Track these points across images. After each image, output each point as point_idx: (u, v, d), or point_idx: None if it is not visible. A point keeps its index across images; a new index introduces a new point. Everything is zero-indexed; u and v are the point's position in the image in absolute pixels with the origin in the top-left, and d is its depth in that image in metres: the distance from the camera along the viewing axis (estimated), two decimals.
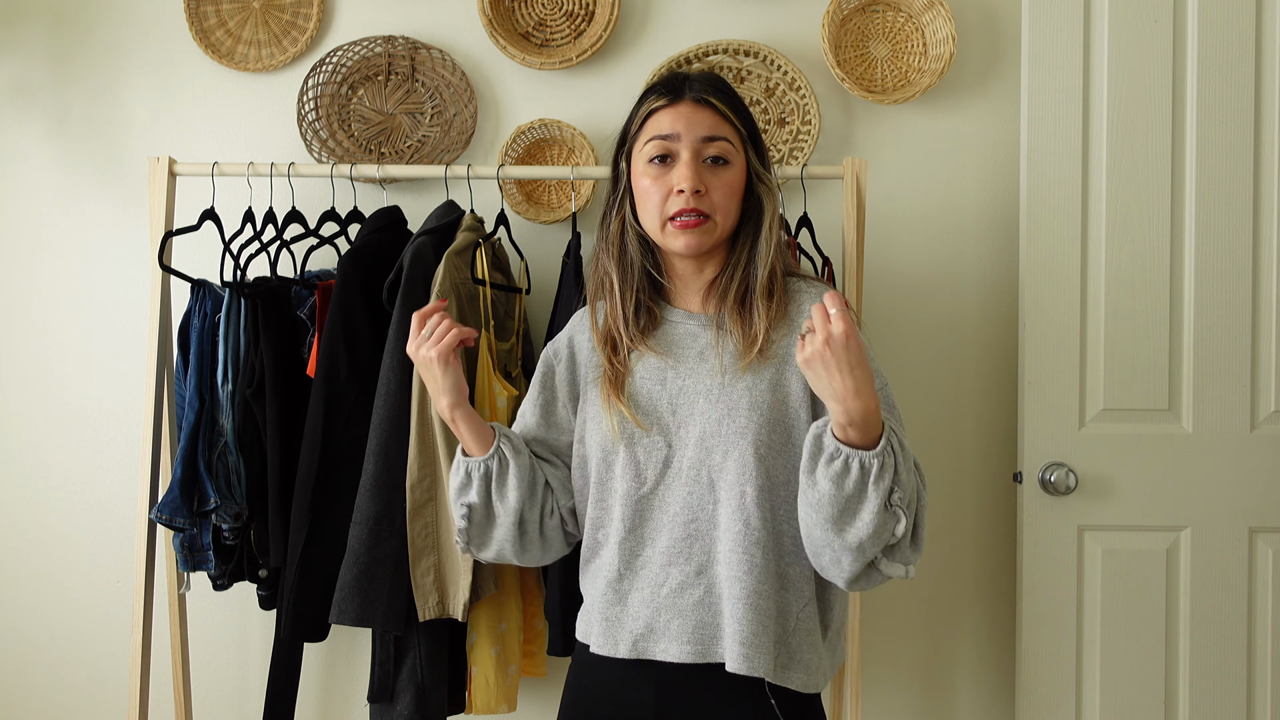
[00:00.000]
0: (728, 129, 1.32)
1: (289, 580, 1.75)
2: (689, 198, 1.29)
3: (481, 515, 1.37)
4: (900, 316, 2.11)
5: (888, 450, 1.14)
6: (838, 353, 1.12)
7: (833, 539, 1.18)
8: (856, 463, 1.14)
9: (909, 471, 1.18)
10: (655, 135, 1.32)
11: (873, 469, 1.14)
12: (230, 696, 2.14)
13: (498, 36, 2.05)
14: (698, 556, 1.28)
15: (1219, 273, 1.94)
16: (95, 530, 2.14)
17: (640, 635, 1.29)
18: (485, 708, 1.77)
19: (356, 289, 1.77)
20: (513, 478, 1.34)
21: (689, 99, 1.33)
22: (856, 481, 1.14)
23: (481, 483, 1.35)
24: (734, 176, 1.32)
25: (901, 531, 1.16)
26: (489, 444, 1.35)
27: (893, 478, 1.15)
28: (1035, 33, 1.95)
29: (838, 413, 1.14)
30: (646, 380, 1.34)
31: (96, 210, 2.15)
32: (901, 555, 1.20)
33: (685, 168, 1.30)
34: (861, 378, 1.13)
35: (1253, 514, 1.94)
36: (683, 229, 1.30)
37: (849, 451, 1.14)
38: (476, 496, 1.35)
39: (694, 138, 1.31)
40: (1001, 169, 2.11)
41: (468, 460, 1.36)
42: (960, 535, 2.12)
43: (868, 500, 1.15)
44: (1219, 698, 1.94)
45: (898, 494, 1.15)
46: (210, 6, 2.12)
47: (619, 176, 1.39)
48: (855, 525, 1.16)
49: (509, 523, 1.36)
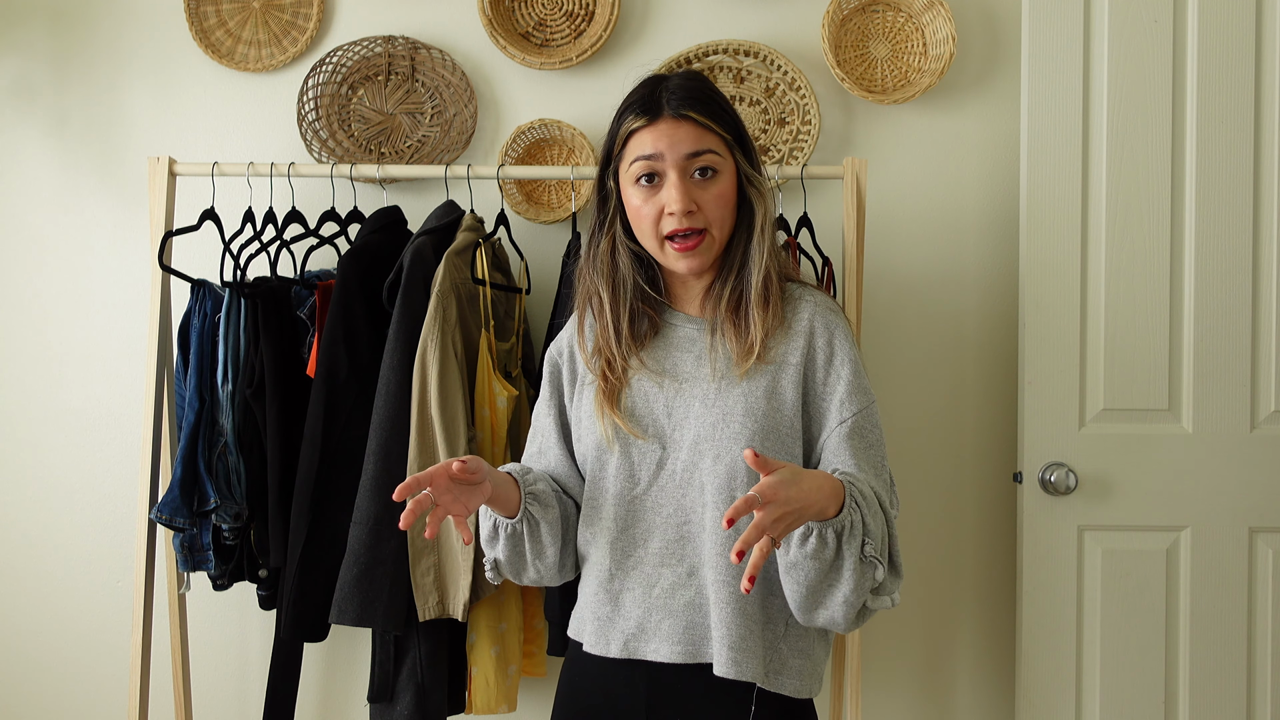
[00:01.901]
0: (711, 139, 1.29)
1: (289, 580, 1.75)
2: (681, 218, 1.28)
3: (511, 569, 1.36)
4: (900, 316, 2.11)
5: (852, 506, 1.15)
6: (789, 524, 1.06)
7: (820, 606, 1.19)
8: (830, 532, 1.13)
9: (874, 516, 1.18)
10: (639, 156, 1.29)
11: (845, 531, 1.14)
12: (230, 696, 2.14)
13: (498, 36, 2.05)
14: (689, 558, 1.28)
15: (1219, 273, 1.94)
16: (95, 530, 2.14)
17: (632, 635, 1.29)
18: (485, 708, 1.77)
19: (356, 289, 1.77)
20: (546, 535, 1.32)
21: (668, 115, 1.28)
22: (834, 549, 1.14)
23: (509, 542, 1.32)
24: (723, 186, 1.30)
25: (881, 575, 1.17)
26: (516, 505, 1.30)
27: (863, 531, 1.16)
28: (1035, 33, 1.95)
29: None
30: (643, 387, 1.33)
31: (96, 210, 2.15)
32: (885, 589, 1.21)
33: (674, 189, 1.27)
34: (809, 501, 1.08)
35: (1253, 514, 1.94)
36: (683, 252, 1.29)
37: (818, 526, 1.13)
38: (503, 554, 1.33)
39: (678, 155, 1.28)
40: (1001, 169, 2.11)
41: (496, 516, 1.31)
42: (960, 535, 2.12)
43: (845, 559, 1.15)
44: (1219, 698, 1.94)
45: (869, 546, 1.16)
46: (210, 6, 2.12)
47: (606, 195, 1.36)
48: (840, 586, 1.17)
49: (551, 565, 1.35)
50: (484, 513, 1.34)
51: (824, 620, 1.21)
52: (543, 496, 1.32)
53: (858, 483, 1.19)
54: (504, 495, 1.27)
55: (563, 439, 1.41)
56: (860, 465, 1.25)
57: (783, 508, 1.04)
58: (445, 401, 1.68)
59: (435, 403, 1.68)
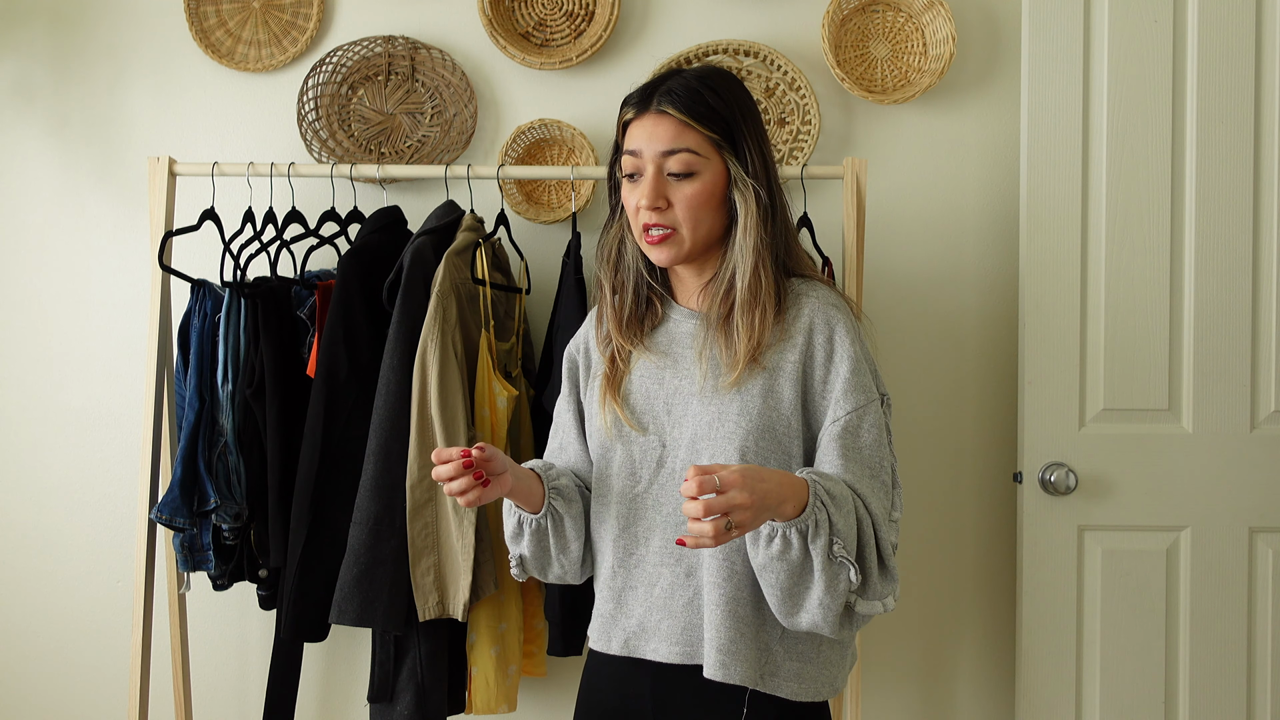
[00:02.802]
0: (692, 138, 1.28)
1: (289, 580, 1.75)
2: (648, 212, 1.28)
3: (536, 565, 1.37)
4: (900, 316, 2.11)
5: (817, 505, 1.14)
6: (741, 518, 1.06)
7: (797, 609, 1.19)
8: (793, 532, 1.14)
9: (844, 517, 1.17)
10: (626, 150, 1.31)
11: (809, 531, 1.14)
12: (230, 696, 2.14)
13: (498, 36, 2.05)
14: (688, 558, 1.28)
15: (1219, 273, 1.94)
16: (95, 530, 2.14)
17: (633, 634, 1.30)
18: (485, 708, 1.77)
19: (356, 289, 1.77)
20: (570, 530, 1.34)
21: (652, 110, 1.29)
22: (799, 549, 1.14)
23: (534, 538, 1.34)
24: (698, 188, 1.28)
25: (855, 577, 1.16)
26: (541, 501, 1.31)
27: (829, 531, 1.15)
28: (1035, 33, 1.95)
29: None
30: (645, 379, 1.34)
31: (97, 210, 2.15)
32: (874, 592, 1.20)
33: (646, 184, 1.28)
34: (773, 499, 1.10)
35: (1253, 514, 1.94)
36: (652, 244, 1.30)
37: (782, 526, 1.14)
38: (528, 550, 1.35)
39: (654, 152, 1.28)
40: (1001, 169, 2.11)
41: (520, 512, 1.33)
42: (960, 535, 2.12)
43: (814, 559, 1.15)
44: (1219, 698, 1.94)
45: (838, 544, 1.15)
46: (210, 6, 2.12)
47: (616, 184, 1.38)
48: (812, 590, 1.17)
49: (574, 562, 1.36)
50: (508, 509, 1.35)
51: (807, 624, 1.20)
52: (566, 491, 1.33)
53: (825, 481, 1.17)
54: (527, 490, 1.28)
55: (581, 434, 1.43)
56: (848, 466, 1.23)
57: (742, 496, 1.05)
58: (445, 401, 1.68)
59: (435, 403, 1.68)
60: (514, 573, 1.39)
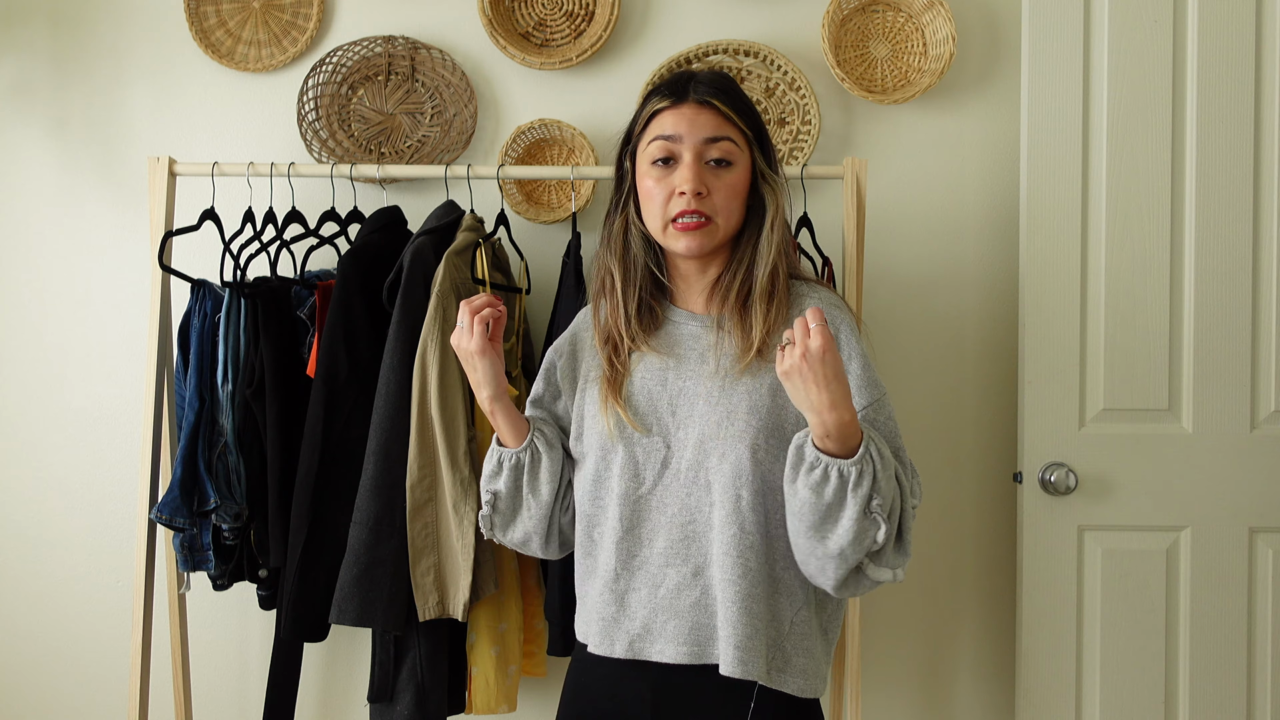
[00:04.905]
0: (731, 130, 1.32)
1: (289, 580, 1.75)
2: (690, 200, 1.29)
3: (508, 505, 1.40)
4: (900, 316, 2.11)
5: (866, 458, 1.16)
6: (814, 367, 1.14)
7: (815, 546, 1.21)
8: (835, 471, 1.16)
9: (888, 479, 1.19)
10: (658, 136, 1.32)
11: (851, 476, 1.16)
12: (230, 696, 2.14)
13: (498, 36, 2.05)
14: (695, 558, 1.28)
15: (1219, 273, 1.94)
16: (95, 530, 2.14)
17: (637, 636, 1.30)
18: (485, 708, 1.77)
19: (356, 289, 1.78)
20: (545, 471, 1.37)
21: (692, 100, 1.33)
22: (835, 489, 1.17)
23: (511, 474, 1.38)
24: (737, 177, 1.32)
25: (882, 538, 1.18)
26: (524, 437, 1.37)
27: (871, 485, 1.17)
28: (1035, 33, 1.95)
29: (815, 424, 1.17)
30: (647, 381, 1.34)
31: (96, 210, 2.15)
32: (887, 560, 1.22)
33: (687, 169, 1.30)
34: (838, 391, 1.15)
35: (1253, 514, 1.94)
36: (684, 231, 1.30)
37: (828, 460, 1.17)
38: (504, 485, 1.38)
39: (696, 139, 1.30)
40: (1001, 169, 2.11)
41: (501, 450, 1.39)
42: (960, 535, 2.12)
43: (847, 507, 1.17)
44: (1219, 698, 1.94)
45: (876, 500, 1.17)
46: (210, 6, 2.12)
47: (623, 176, 1.39)
48: (836, 532, 1.19)
49: (540, 515, 1.39)
50: (489, 454, 1.40)
51: (815, 569, 1.23)
52: (549, 436, 1.38)
53: (878, 440, 1.20)
54: (515, 417, 1.37)
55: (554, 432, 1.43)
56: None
57: (831, 357, 1.14)
58: (445, 401, 1.69)
59: (435, 403, 1.68)
60: (482, 527, 1.42)
